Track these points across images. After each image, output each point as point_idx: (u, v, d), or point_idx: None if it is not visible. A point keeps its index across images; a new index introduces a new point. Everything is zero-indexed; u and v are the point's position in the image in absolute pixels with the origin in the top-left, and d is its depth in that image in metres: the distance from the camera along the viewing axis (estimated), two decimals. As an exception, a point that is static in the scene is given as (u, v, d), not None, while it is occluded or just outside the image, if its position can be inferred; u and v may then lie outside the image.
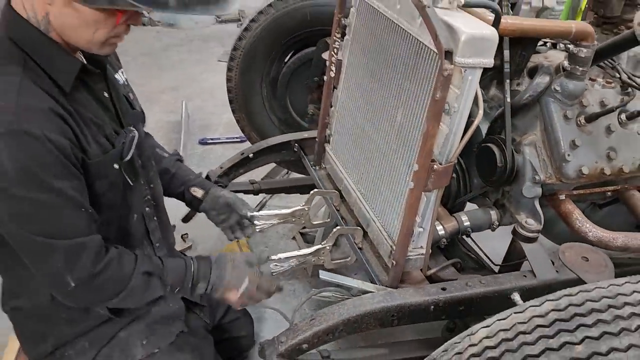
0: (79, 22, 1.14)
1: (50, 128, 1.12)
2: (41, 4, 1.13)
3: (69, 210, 1.17)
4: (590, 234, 1.60)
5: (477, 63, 1.29)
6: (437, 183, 1.40)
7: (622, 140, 1.65)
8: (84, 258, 1.20)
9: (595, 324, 0.84)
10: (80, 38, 1.18)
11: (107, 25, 1.16)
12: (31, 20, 1.16)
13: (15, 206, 1.11)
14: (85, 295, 1.26)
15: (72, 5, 1.10)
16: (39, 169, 1.10)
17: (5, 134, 1.06)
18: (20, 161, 1.07)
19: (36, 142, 1.09)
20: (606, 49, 1.57)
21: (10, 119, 1.07)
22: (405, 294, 1.47)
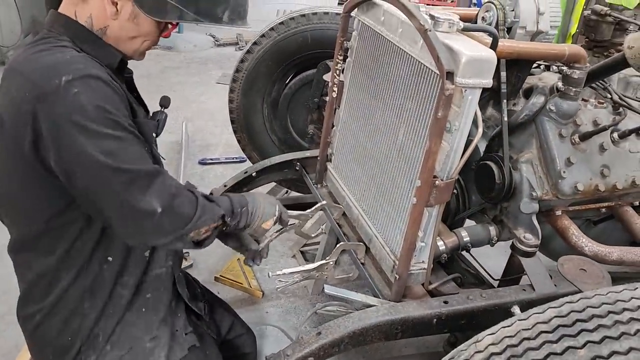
0: (135, 34, 1.33)
1: (111, 82, 1.24)
2: (103, 18, 1.29)
3: (139, 146, 1.27)
4: (587, 249, 1.64)
5: (476, 83, 1.35)
6: (439, 198, 1.45)
7: (615, 158, 1.71)
8: (161, 181, 1.26)
9: (597, 328, 0.88)
10: (130, 48, 1.37)
11: (156, 36, 1.39)
12: (87, 26, 1.30)
13: (101, 141, 1.18)
14: (171, 220, 1.28)
15: (135, 20, 1.30)
16: (113, 109, 1.20)
17: (81, 78, 1.17)
18: (97, 100, 1.17)
19: (104, 85, 1.20)
20: (598, 71, 1.64)
21: (81, 67, 1.19)
22: (409, 307, 1.51)
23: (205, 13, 1.35)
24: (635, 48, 1.47)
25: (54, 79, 1.15)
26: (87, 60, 1.24)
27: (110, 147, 1.19)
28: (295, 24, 2.69)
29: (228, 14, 1.39)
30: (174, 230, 1.31)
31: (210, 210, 1.37)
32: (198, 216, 1.32)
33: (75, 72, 1.17)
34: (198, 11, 1.33)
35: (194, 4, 1.32)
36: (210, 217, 1.36)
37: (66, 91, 1.15)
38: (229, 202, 1.47)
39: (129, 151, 1.23)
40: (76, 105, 1.15)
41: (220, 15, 1.38)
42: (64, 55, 1.22)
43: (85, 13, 1.29)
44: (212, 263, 2.86)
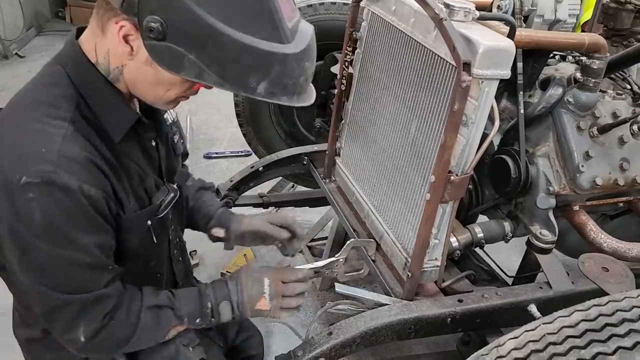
0: (155, 80, 1.11)
1: (89, 180, 1.07)
2: (119, 56, 1.09)
3: (91, 268, 1.14)
4: (605, 245, 1.59)
5: (494, 74, 1.29)
6: (454, 194, 1.40)
7: (634, 151, 1.65)
8: (97, 310, 1.16)
9: (628, 333, 0.83)
10: (150, 94, 1.16)
11: (182, 87, 1.14)
12: (99, 65, 1.13)
13: (38, 259, 1.08)
14: (96, 348, 1.21)
15: (153, 65, 1.06)
16: (68, 224, 1.06)
17: (41, 184, 1.02)
18: (50, 214, 1.04)
19: (70, 196, 1.04)
20: (619, 61, 1.58)
21: (49, 168, 1.02)
22: (422, 306, 1.46)
23: (232, 80, 1.03)
24: (658, 37, 1.41)
25: (16, 173, 1.02)
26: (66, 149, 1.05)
27: (50, 267, 1.09)
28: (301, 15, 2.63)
29: (266, 87, 1.03)
30: (104, 354, 1.28)
31: (154, 328, 1.26)
32: (135, 340, 1.23)
33: (40, 175, 1.01)
34: (223, 74, 1.01)
35: (219, 65, 1.01)
36: (152, 338, 1.28)
37: (20, 193, 1.02)
38: (196, 301, 1.32)
39: (71, 275, 1.11)
40: (24, 214, 1.03)
41: (254, 85, 1.03)
42: (44, 144, 1.04)
43: (103, 48, 1.11)
44: (218, 258, 2.83)
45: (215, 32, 0.97)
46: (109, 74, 1.13)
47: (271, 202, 2.31)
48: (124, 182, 1.18)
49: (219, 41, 0.98)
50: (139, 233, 1.26)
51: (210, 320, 1.33)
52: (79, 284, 1.13)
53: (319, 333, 1.44)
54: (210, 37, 0.98)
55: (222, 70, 1.01)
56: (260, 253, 2.94)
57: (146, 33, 0.99)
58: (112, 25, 1.05)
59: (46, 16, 6.27)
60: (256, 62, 1.02)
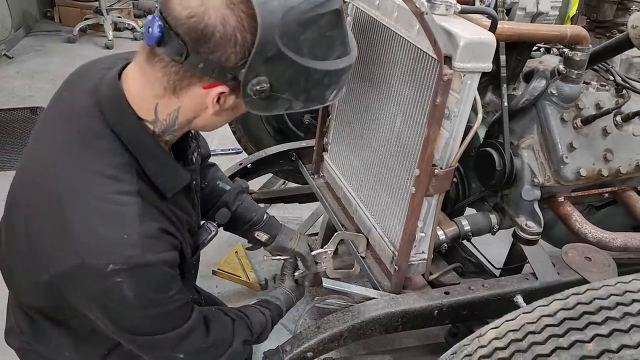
0: (228, 119, 1.15)
1: (167, 249, 1.11)
2: (193, 111, 1.08)
3: (178, 310, 1.19)
4: (590, 235, 1.61)
5: (476, 68, 1.30)
6: (438, 187, 1.41)
7: (618, 141, 1.67)
8: (193, 337, 1.23)
9: (605, 321, 0.84)
10: (213, 127, 1.17)
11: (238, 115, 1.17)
12: (154, 122, 1.10)
13: (133, 321, 1.13)
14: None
15: (234, 110, 1.10)
16: (158, 292, 1.11)
17: (129, 269, 1.03)
18: (141, 290, 1.07)
19: (156, 271, 1.08)
20: (601, 52, 1.59)
21: (134, 253, 1.03)
22: (409, 299, 1.47)
23: (315, 100, 1.11)
24: (639, 28, 1.42)
25: (100, 260, 1.01)
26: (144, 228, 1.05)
27: (145, 324, 1.15)
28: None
29: (335, 93, 1.15)
30: None
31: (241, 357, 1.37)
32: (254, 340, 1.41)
33: (127, 260, 1.02)
34: (308, 99, 1.09)
35: (305, 92, 1.08)
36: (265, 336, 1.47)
37: (108, 278, 1.02)
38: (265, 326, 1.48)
39: (164, 322, 1.17)
40: (115, 294, 1.05)
41: (328, 96, 1.13)
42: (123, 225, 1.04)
43: (171, 106, 1.07)
44: (210, 256, 2.82)
45: (306, 69, 1.03)
46: (155, 128, 1.11)
47: (260, 198, 2.31)
48: (182, 233, 1.21)
49: (308, 76, 1.04)
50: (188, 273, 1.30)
51: None
52: (172, 325, 1.19)
53: (307, 328, 1.45)
54: (303, 75, 1.03)
55: (306, 97, 1.09)
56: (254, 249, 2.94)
57: (250, 93, 1.00)
58: (195, 89, 1.03)
59: (34, 16, 6.22)
60: (333, 80, 1.10)
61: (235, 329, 1.37)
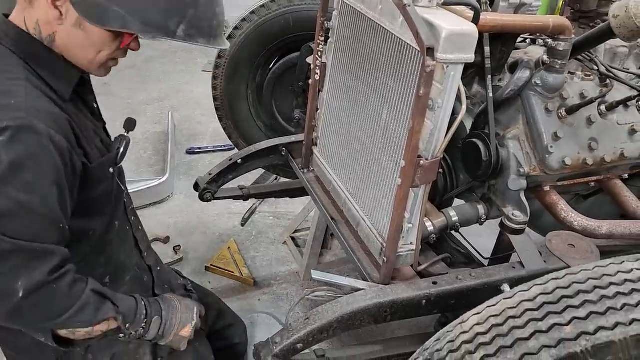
0: (86, 42, 1.19)
1: (55, 128, 1.12)
2: (49, 24, 1.17)
3: (46, 220, 1.14)
4: (576, 224, 1.62)
5: (458, 59, 1.31)
6: (424, 178, 1.42)
7: (602, 130, 1.68)
8: (44, 264, 1.14)
9: (582, 304, 0.86)
10: (83, 58, 1.23)
11: (111, 47, 1.23)
12: (33, 35, 1.19)
13: None
14: (31, 310, 1.15)
15: (82, 26, 1.16)
16: (34, 168, 1.09)
17: (12, 127, 1.06)
18: (17, 156, 1.06)
19: (39, 140, 1.09)
20: (583, 42, 1.61)
21: (21, 115, 1.07)
22: (397, 290, 1.48)
23: (154, 24, 1.15)
24: (620, 17, 1.43)
25: None
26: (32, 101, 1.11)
27: (3, 208, 1.07)
28: (276, 7, 2.64)
29: (184, 29, 1.18)
30: (33, 323, 1.20)
31: (93, 310, 1.23)
32: (70, 315, 1.19)
33: (13, 119, 1.06)
34: (146, 21, 1.14)
35: (141, 12, 1.13)
36: (88, 320, 1.23)
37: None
38: (133, 304, 1.34)
39: (25, 221, 1.10)
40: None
41: (174, 28, 1.17)
42: (10, 96, 1.10)
43: (32, 19, 1.18)
44: (203, 252, 2.84)
45: None
46: (43, 42, 1.20)
47: (251, 193, 2.32)
48: (83, 133, 1.24)
49: None
50: (103, 181, 1.30)
51: (138, 329, 1.35)
52: (30, 232, 1.12)
53: (297, 320, 1.46)
54: None
55: (143, 17, 1.14)
56: (245, 246, 2.96)
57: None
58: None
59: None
60: (172, 5, 1.15)
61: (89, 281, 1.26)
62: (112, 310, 1.28)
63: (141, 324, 1.35)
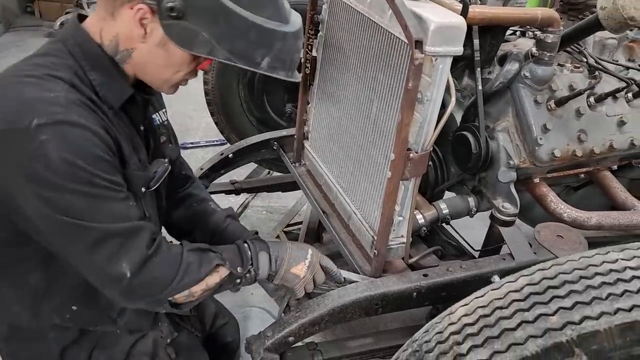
0: (165, 62, 1.18)
1: (96, 123, 1.11)
2: (130, 39, 1.15)
3: (119, 201, 1.14)
4: (565, 215, 1.64)
5: (447, 51, 1.31)
6: (414, 171, 1.43)
7: (591, 122, 1.69)
8: (139, 240, 1.15)
9: (568, 294, 0.87)
10: (158, 77, 1.22)
11: (189, 69, 1.22)
12: (104, 46, 1.17)
13: (65, 199, 1.07)
14: (143, 286, 1.17)
15: (165, 47, 1.15)
16: (86, 160, 1.07)
17: (52, 124, 1.03)
18: (67, 152, 1.04)
19: (83, 133, 1.07)
20: (572, 34, 1.61)
21: (58, 110, 1.05)
22: (388, 282, 1.49)
23: (240, 54, 1.15)
24: (607, 9, 1.44)
25: (24, 117, 1.02)
26: (73, 102, 1.09)
27: (74, 203, 1.07)
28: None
29: (268, 61, 1.19)
30: (149, 296, 1.21)
31: (198, 265, 1.25)
32: (179, 278, 1.21)
33: (51, 115, 1.04)
34: (232, 49, 1.14)
35: (229, 41, 1.13)
36: (197, 275, 1.25)
37: (33, 136, 1.02)
38: (235, 249, 1.34)
39: (99, 208, 1.10)
40: (40, 154, 1.03)
41: (259, 60, 1.18)
42: (49, 92, 1.07)
43: (111, 32, 1.16)
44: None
45: (227, 9, 1.09)
46: (115, 56, 1.18)
47: (243, 188, 2.32)
48: (123, 141, 1.21)
49: (229, 18, 1.10)
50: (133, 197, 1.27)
51: (249, 268, 1.34)
52: (114, 215, 1.13)
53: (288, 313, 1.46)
54: (222, 15, 1.09)
55: (231, 46, 1.14)
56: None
57: (165, 13, 1.08)
58: (125, 10, 1.12)
59: (14, 11, 6.14)
60: (261, 39, 1.15)
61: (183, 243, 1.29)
62: (216, 258, 1.28)
63: (249, 264, 1.34)
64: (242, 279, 1.35)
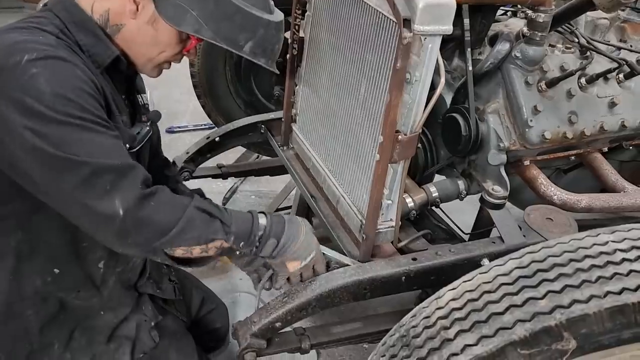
0: (153, 40, 1.24)
1: (84, 69, 1.13)
2: (119, 15, 1.20)
3: (111, 137, 1.13)
4: (555, 197, 1.62)
5: (436, 30, 1.28)
6: (402, 154, 1.40)
7: (582, 104, 1.67)
8: (133, 178, 1.11)
9: (557, 278, 0.85)
10: (143, 54, 1.27)
11: (174, 50, 1.28)
12: (94, 20, 1.21)
13: (58, 130, 1.05)
14: (137, 228, 1.11)
15: (154, 24, 1.21)
16: (77, 93, 1.08)
17: (44, 58, 1.06)
18: (58, 85, 1.05)
19: (73, 69, 1.09)
20: (563, 14, 1.58)
21: (48, 48, 1.09)
22: (377, 267, 1.47)
23: (225, 36, 1.22)
24: (600, -13, 1.40)
25: (15, 55, 1.05)
26: (62, 45, 1.13)
27: (66, 135, 1.05)
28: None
29: (251, 46, 1.26)
30: (144, 241, 1.15)
31: (202, 227, 1.19)
32: (179, 230, 1.14)
33: (41, 51, 1.07)
34: (218, 31, 1.21)
35: (215, 22, 1.20)
36: (197, 236, 1.18)
37: (24, 70, 1.03)
38: (248, 223, 1.28)
39: (91, 142, 1.08)
40: (31, 87, 1.03)
41: (242, 43, 1.25)
42: (37, 36, 1.11)
43: (103, 7, 1.20)
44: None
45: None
46: (105, 30, 1.22)
47: (230, 172, 2.28)
48: (108, 96, 1.21)
49: (218, 0, 1.17)
50: None
51: (253, 248, 1.31)
52: (106, 150, 1.10)
53: (274, 298, 1.44)
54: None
55: (217, 27, 1.19)
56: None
57: None
58: None
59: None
60: (246, 23, 1.22)
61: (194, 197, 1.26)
62: (221, 232, 1.22)
63: (255, 243, 1.30)
64: (242, 253, 1.32)
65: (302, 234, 1.39)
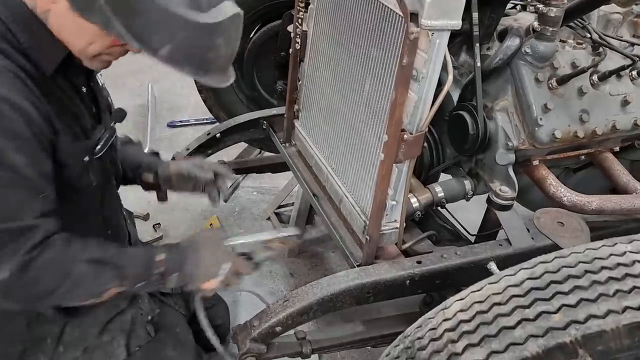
0: (76, 29, 1.08)
1: (20, 93, 1.03)
2: (42, 2, 1.07)
3: (20, 191, 1.05)
4: (565, 199, 1.57)
5: (444, 25, 1.22)
6: (408, 154, 1.35)
7: (594, 101, 1.61)
8: (26, 242, 1.06)
9: (572, 290, 0.80)
10: (73, 45, 1.12)
11: (103, 43, 1.11)
12: (27, 5, 1.09)
13: None
14: (21, 288, 1.08)
15: (73, 13, 1.05)
16: (2, 143, 1.00)
17: None
18: None
19: (8, 111, 1.00)
20: (576, 8, 1.52)
21: None
22: (380, 270, 1.43)
23: (136, 34, 1.01)
24: (615, -20, 1.35)
25: None
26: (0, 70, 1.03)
27: None
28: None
29: (169, 51, 1.03)
30: (28, 299, 1.11)
31: (92, 281, 1.15)
32: (65, 290, 1.11)
33: None
34: (129, 27, 1.00)
35: (126, 16, 0.99)
36: (86, 292, 1.15)
37: None
38: (145, 263, 1.22)
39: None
40: None
41: (156, 46, 1.02)
42: None
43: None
44: (184, 230, 2.78)
45: None
46: (39, 16, 1.09)
47: (232, 169, 2.23)
48: (57, 111, 1.13)
49: None
50: (75, 169, 1.20)
51: (152, 286, 1.26)
52: (8, 208, 1.04)
53: (275, 301, 1.40)
54: None
55: (127, 22, 1.00)
56: (228, 222, 2.89)
57: None
58: None
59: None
60: (160, 20, 1.00)
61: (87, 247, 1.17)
62: (114, 280, 1.17)
63: (155, 283, 1.24)
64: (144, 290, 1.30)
65: (208, 253, 1.31)
